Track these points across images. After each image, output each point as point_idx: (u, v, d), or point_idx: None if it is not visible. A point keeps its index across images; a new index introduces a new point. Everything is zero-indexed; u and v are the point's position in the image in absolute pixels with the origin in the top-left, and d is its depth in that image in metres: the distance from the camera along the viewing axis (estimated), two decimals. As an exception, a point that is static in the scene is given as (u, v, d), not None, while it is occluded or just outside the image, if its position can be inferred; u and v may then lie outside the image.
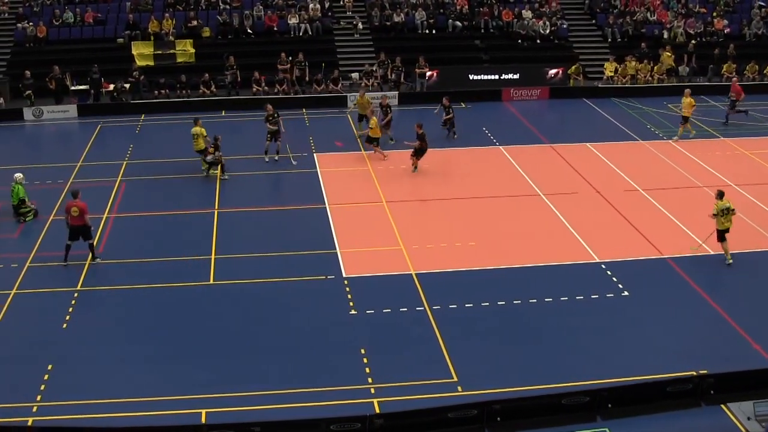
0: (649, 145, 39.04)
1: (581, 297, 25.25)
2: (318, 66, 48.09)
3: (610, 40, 52.81)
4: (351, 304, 24.90)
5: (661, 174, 35.19)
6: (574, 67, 49.21)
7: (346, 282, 26.27)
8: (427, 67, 47.78)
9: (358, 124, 40.64)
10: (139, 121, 43.86)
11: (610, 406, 19.84)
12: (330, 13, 53.01)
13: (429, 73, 47.87)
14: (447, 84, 47.17)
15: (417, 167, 35.56)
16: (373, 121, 36.94)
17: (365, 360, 21.99)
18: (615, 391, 20.05)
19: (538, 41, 52.11)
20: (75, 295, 25.56)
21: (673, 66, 49.85)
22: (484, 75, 49.01)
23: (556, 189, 33.73)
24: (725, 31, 53.41)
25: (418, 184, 34.56)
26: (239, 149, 37.50)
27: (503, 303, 24.90)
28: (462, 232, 29.91)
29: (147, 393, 20.65)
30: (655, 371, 21.14)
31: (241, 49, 49.22)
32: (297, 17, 51.22)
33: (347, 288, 25.87)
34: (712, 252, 28.03)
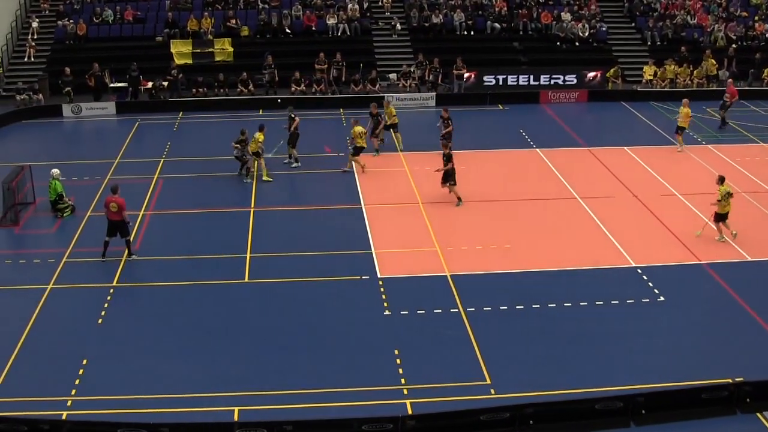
0: (687, 149, 38.71)
1: (616, 301, 25.08)
2: (356, 66, 48.11)
3: (649, 43, 52.46)
4: (385, 304, 24.88)
5: (699, 178, 34.88)
6: (612, 70, 48.89)
7: (380, 282, 26.26)
8: (465, 69, 47.66)
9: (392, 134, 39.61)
10: (177, 119, 44.09)
11: (644, 412, 19.71)
12: (368, 14, 53.06)
13: (467, 75, 47.76)
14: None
15: (461, 199, 32.37)
16: (356, 130, 35.70)
17: (398, 361, 21.96)
18: (649, 397, 19.91)
19: (576, 44, 51.89)
20: (110, 291, 25.73)
21: (715, 73, 49.37)
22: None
23: (593, 192, 33.55)
24: (767, 35, 52.92)
25: (454, 185, 34.48)
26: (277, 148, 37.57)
27: (538, 306, 24.79)
28: (497, 234, 29.82)
29: (180, 390, 20.74)
30: (690, 378, 20.98)
31: (279, 49, 49.36)
32: (335, 17, 51.29)
33: (382, 288, 25.86)
34: (750, 258, 27.81)
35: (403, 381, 21.11)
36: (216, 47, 49.50)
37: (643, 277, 26.58)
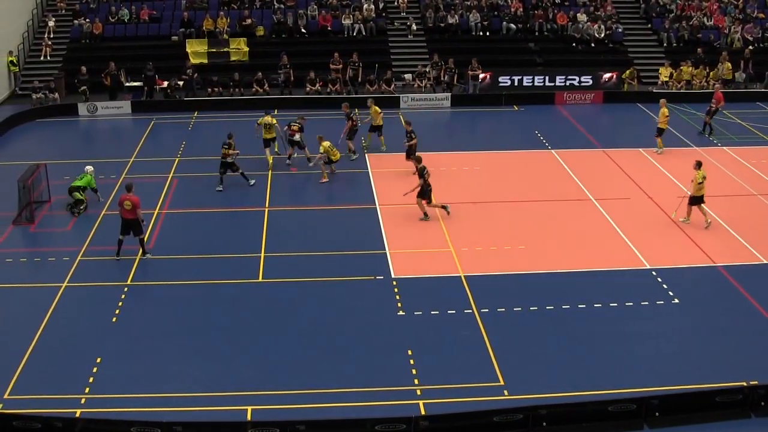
0: (703, 152, 38.56)
1: (631, 303, 25.00)
2: (371, 66, 48.13)
3: (665, 44, 52.33)
4: (399, 305, 24.86)
5: (715, 181, 34.69)
6: (628, 72, 48.74)
7: (394, 283, 26.25)
8: (480, 69, 47.61)
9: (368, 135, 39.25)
10: (192, 119, 44.19)
11: (657, 414, 19.66)
12: (384, 14, 53.06)
13: (482, 76, 47.71)
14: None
15: (427, 215, 31.12)
16: (324, 146, 34.41)
17: (412, 361, 21.94)
18: (663, 399, 19.85)
19: (592, 45, 51.77)
20: (125, 290, 25.80)
21: (731, 77, 49.14)
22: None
23: (608, 194, 33.48)
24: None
25: (468, 186, 34.42)
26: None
27: (552, 307, 24.74)
28: (512, 235, 29.78)
29: (193, 388, 20.79)
30: (705, 380, 20.89)
31: (295, 49, 49.44)
32: (351, 17, 51.33)
33: (396, 289, 25.85)
34: (765, 261, 27.71)
35: (417, 381, 21.10)
36: (231, 47, 49.62)
37: (658, 279, 26.49)
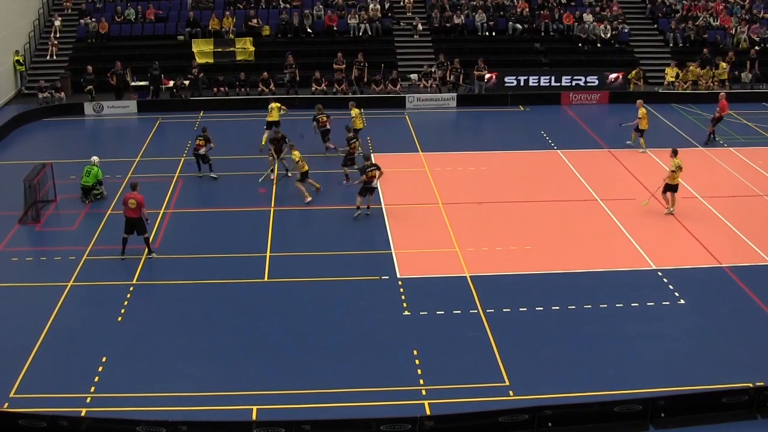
0: (709, 152, 38.55)
1: (636, 304, 24.97)
2: (377, 66, 48.13)
3: (671, 45, 52.26)
4: (405, 305, 24.85)
5: (721, 181, 34.76)
6: (634, 72, 48.68)
7: (400, 283, 26.24)
8: (486, 70, 47.58)
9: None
10: (198, 118, 44.17)
11: (663, 415, 19.63)
12: (390, 14, 53.05)
13: (488, 76, 47.68)
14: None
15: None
16: (295, 155, 33.19)
17: (417, 361, 21.94)
18: (669, 400, 19.82)
19: (598, 45, 51.72)
20: (131, 289, 25.82)
21: (728, 78, 48.95)
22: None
23: (613, 194, 33.44)
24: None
25: (474, 186, 34.40)
26: (297, 147, 37.43)
27: (557, 308, 24.72)
28: (518, 235, 29.76)
29: (199, 388, 20.80)
30: (711, 381, 20.87)
31: (301, 48, 49.50)
32: (357, 17, 51.35)
33: (401, 289, 25.83)
34: (771, 262, 27.74)
35: (422, 382, 21.09)
36: (237, 46, 49.63)
37: (664, 280, 26.46)
